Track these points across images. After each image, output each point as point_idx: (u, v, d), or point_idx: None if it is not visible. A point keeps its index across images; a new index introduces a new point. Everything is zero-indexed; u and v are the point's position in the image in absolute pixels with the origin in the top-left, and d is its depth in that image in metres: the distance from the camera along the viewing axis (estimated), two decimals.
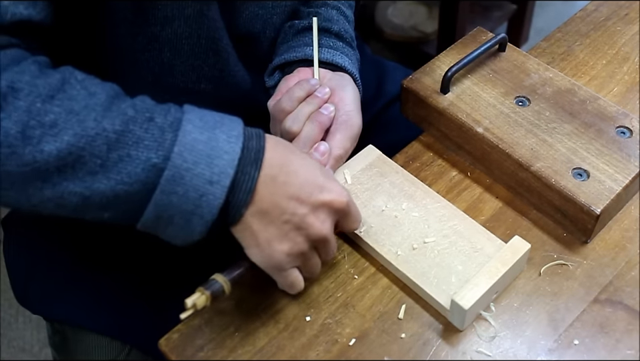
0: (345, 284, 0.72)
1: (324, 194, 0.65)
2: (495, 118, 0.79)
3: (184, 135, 0.59)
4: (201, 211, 0.60)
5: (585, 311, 0.69)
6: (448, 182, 0.81)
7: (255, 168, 0.62)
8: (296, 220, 0.63)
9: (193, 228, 0.61)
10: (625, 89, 0.88)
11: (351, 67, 0.83)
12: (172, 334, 0.70)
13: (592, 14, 0.99)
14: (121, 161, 0.58)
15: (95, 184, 0.58)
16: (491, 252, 0.72)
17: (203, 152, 0.59)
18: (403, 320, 0.69)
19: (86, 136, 0.57)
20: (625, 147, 0.75)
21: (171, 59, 0.78)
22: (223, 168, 0.60)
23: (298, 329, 0.69)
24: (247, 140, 0.62)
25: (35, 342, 1.67)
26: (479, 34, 0.89)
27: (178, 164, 0.59)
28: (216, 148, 0.60)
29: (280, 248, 0.64)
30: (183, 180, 0.59)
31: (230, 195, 0.61)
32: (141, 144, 0.59)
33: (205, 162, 0.59)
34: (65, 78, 0.60)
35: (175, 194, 0.59)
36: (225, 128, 0.62)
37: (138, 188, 0.59)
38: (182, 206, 0.60)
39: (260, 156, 0.62)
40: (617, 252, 0.73)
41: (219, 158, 0.60)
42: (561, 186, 0.72)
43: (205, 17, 0.75)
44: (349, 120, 0.77)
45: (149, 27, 0.74)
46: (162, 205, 0.60)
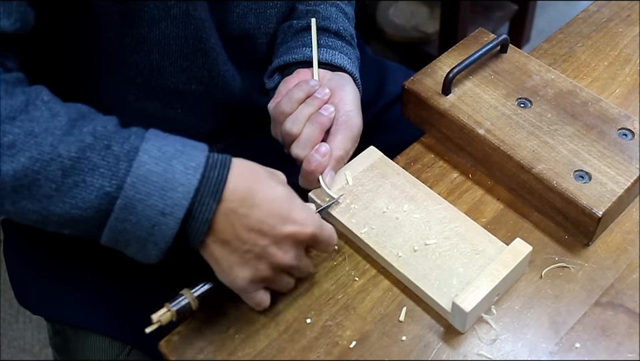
0: (346, 286, 0.72)
1: (287, 226, 0.64)
2: (496, 119, 0.79)
3: (138, 166, 0.60)
4: (154, 239, 0.61)
5: (587, 314, 0.69)
6: (449, 184, 0.81)
7: (214, 199, 0.61)
8: (257, 250, 0.64)
9: (149, 253, 0.63)
10: (626, 91, 0.88)
11: (350, 67, 0.82)
12: (172, 336, 0.69)
13: (594, 16, 0.98)
14: (76, 187, 0.59)
15: (50, 207, 0.60)
16: (493, 254, 0.72)
17: (156, 184, 0.60)
18: (404, 323, 0.69)
19: (41, 160, 0.58)
20: (627, 149, 0.75)
21: (159, 61, 0.77)
22: (177, 200, 0.60)
23: (298, 331, 0.69)
24: (207, 171, 0.62)
25: (36, 342, 1.67)
26: (481, 36, 0.89)
27: (130, 195, 0.59)
28: (171, 180, 0.60)
29: (242, 275, 0.65)
30: (135, 210, 0.60)
31: (186, 225, 0.62)
32: (96, 171, 0.60)
33: (158, 194, 0.60)
34: (30, 100, 0.60)
35: (129, 221, 0.60)
36: (184, 158, 0.62)
37: (92, 214, 0.60)
38: (136, 233, 0.61)
39: (220, 187, 0.62)
40: (619, 254, 0.73)
41: (173, 191, 0.60)
42: (562, 189, 0.72)
43: (191, 17, 0.74)
44: (349, 120, 0.77)
45: (136, 29, 0.74)
46: (116, 231, 0.61)
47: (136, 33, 0.74)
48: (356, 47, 0.87)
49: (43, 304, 0.89)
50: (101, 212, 0.60)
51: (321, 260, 0.74)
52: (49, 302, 0.88)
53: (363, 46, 1.11)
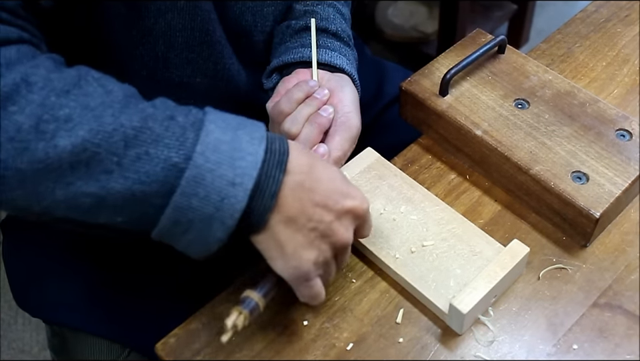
0: (343, 288, 0.72)
1: (348, 200, 0.63)
2: (493, 120, 0.78)
3: (207, 135, 0.57)
4: (222, 215, 0.57)
5: (584, 315, 0.69)
6: (446, 185, 0.81)
7: (280, 170, 0.59)
8: (322, 227, 0.61)
9: (213, 235, 0.58)
10: (624, 91, 0.88)
11: (349, 68, 0.82)
12: (169, 338, 0.69)
13: (592, 16, 0.98)
14: (139, 159, 0.56)
15: (110, 184, 0.56)
16: (490, 255, 0.72)
17: (225, 153, 0.57)
18: (401, 324, 0.69)
19: (102, 131, 0.55)
20: (625, 150, 0.75)
21: (165, 52, 0.77)
22: (247, 169, 0.57)
23: (295, 333, 0.69)
24: (270, 143, 0.60)
25: (35, 343, 1.66)
26: (478, 36, 0.89)
27: (200, 164, 0.56)
28: (239, 150, 0.58)
29: (307, 256, 0.61)
30: (205, 181, 0.56)
31: (253, 200, 0.58)
32: (160, 142, 0.56)
33: (227, 163, 0.57)
34: (81, 75, 0.58)
35: (196, 196, 0.56)
36: (247, 129, 0.60)
37: (156, 189, 0.56)
38: (202, 210, 0.57)
39: (284, 158, 0.60)
40: (617, 255, 0.73)
41: (241, 160, 0.57)
42: (560, 190, 0.72)
43: (197, 9, 0.74)
44: (347, 121, 0.76)
45: (142, 20, 0.73)
46: (181, 208, 0.57)
47: (142, 25, 0.73)
48: (354, 48, 0.87)
49: (41, 306, 0.89)
50: (166, 185, 0.56)
51: None
52: (48, 304, 0.88)
53: (361, 46, 1.11)
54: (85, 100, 0.56)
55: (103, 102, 0.56)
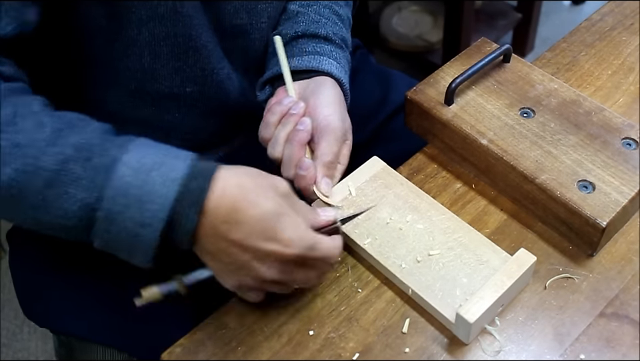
0: (349, 297, 0.72)
1: (269, 244, 0.63)
2: (499, 129, 0.78)
3: (117, 179, 0.60)
4: (138, 248, 0.62)
5: (591, 325, 0.68)
6: (452, 194, 0.80)
7: (195, 211, 0.61)
8: (239, 264, 0.64)
9: (138, 260, 0.64)
10: (630, 100, 0.88)
11: (337, 72, 0.82)
12: (175, 348, 0.69)
13: (597, 24, 0.98)
14: (59, 198, 0.61)
15: (38, 216, 0.62)
16: (497, 264, 0.71)
17: (134, 197, 0.60)
18: (407, 334, 0.69)
19: (25, 172, 0.60)
20: (631, 159, 0.75)
21: (151, 64, 0.77)
22: (155, 212, 0.60)
23: (301, 343, 0.69)
24: (188, 181, 0.61)
25: (40, 353, 1.66)
26: (484, 45, 0.89)
27: (108, 207, 0.60)
28: (148, 193, 0.60)
29: (229, 282, 0.66)
30: (115, 221, 0.61)
31: (169, 234, 0.62)
32: (78, 183, 0.60)
33: (136, 207, 0.60)
34: (18, 111, 0.62)
35: (111, 232, 0.61)
36: (163, 169, 0.61)
37: (75, 223, 0.62)
38: (120, 243, 0.62)
39: (201, 198, 0.61)
40: (623, 265, 0.73)
41: (151, 203, 0.60)
42: (566, 199, 0.72)
43: (179, 14, 0.75)
44: (328, 125, 0.76)
45: (124, 31, 0.74)
46: (103, 239, 0.62)
47: (125, 36, 0.74)
48: (347, 50, 0.87)
49: (48, 316, 0.89)
50: (84, 221, 0.61)
51: None
52: (55, 314, 0.88)
53: (366, 55, 1.11)
54: (16, 137, 0.60)
55: (32, 139, 0.61)
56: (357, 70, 1.07)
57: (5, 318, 1.71)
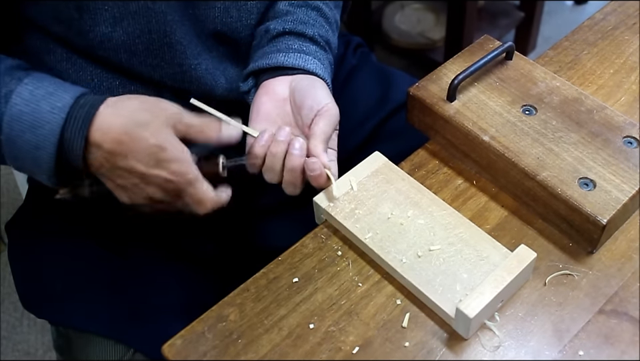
0: (349, 291, 0.72)
1: (154, 170, 0.70)
2: (501, 126, 0.79)
3: (11, 107, 0.69)
4: (39, 170, 0.71)
5: (590, 322, 0.69)
6: (453, 191, 0.81)
7: (81, 136, 0.69)
8: (129, 185, 0.72)
9: (44, 180, 0.72)
10: (632, 99, 0.88)
11: (322, 72, 0.84)
12: (175, 340, 0.69)
13: (600, 23, 0.98)
14: None
15: None
16: (497, 260, 0.72)
17: (27, 123, 0.68)
18: (407, 329, 0.69)
19: None
20: (632, 157, 0.75)
21: (128, 60, 0.79)
22: (46, 137, 0.69)
23: (301, 337, 0.69)
24: (74, 111, 0.69)
25: (40, 345, 1.67)
26: (486, 42, 0.89)
27: (7, 132, 0.69)
28: (38, 119, 0.69)
29: (123, 198, 0.75)
30: (15, 144, 0.69)
31: (62, 158, 0.70)
32: None
33: (30, 132, 0.69)
34: None
35: (13, 155, 0.71)
36: (52, 99, 0.69)
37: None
38: (25, 165, 0.72)
39: (85, 126, 0.69)
40: (623, 262, 0.73)
41: (41, 128, 0.69)
42: (567, 196, 0.72)
43: (151, 11, 0.76)
44: (329, 110, 0.78)
45: (98, 27, 0.76)
46: (12, 160, 0.72)
47: (99, 31, 0.76)
48: (330, 52, 0.88)
49: (46, 307, 0.89)
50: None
51: (324, 265, 0.74)
52: (53, 305, 0.88)
53: (367, 54, 1.12)
54: None
55: None
56: (358, 68, 1.08)
57: (5, 311, 1.72)
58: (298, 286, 0.73)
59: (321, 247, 0.76)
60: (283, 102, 0.81)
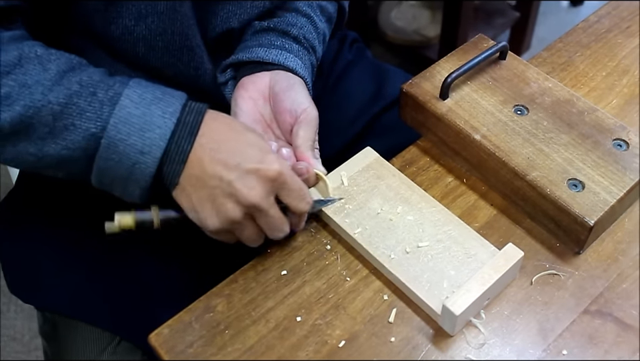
0: (337, 285, 0.72)
1: (252, 162, 0.68)
2: (492, 125, 0.79)
3: (120, 109, 0.67)
4: (135, 177, 0.68)
5: (575, 321, 0.69)
6: (443, 188, 0.81)
7: (189, 142, 0.68)
8: (224, 185, 0.67)
9: (132, 192, 0.69)
10: (623, 102, 0.89)
11: (302, 71, 0.84)
12: (162, 329, 0.70)
13: (593, 26, 0.99)
14: (66, 129, 0.67)
15: (44, 148, 0.67)
16: (484, 258, 0.72)
17: (136, 125, 0.66)
18: (394, 324, 0.69)
19: (34, 107, 0.66)
20: (621, 160, 0.75)
21: (145, 54, 0.79)
22: (155, 140, 0.67)
23: (288, 329, 0.69)
24: (183, 115, 0.68)
25: (26, 331, 1.67)
26: (480, 42, 0.89)
27: (112, 134, 0.66)
28: (149, 123, 0.67)
29: (211, 212, 0.68)
30: (118, 148, 0.67)
31: (163, 165, 0.68)
32: (83, 115, 0.66)
33: (137, 135, 0.66)
34: (23, 55, 0.67)
35: (112, 160, 0.67)
36: (162, 104, 0.68)
37: (80, 154, 0.68)
38: (118, 172, 0.68)
39: (194, 130, 0.68)
40: (609, 264, 0.74)
41: (150, 132, 0.67)
42: (555, 196, 0.72)
43: (177, 13, 0.76)
44: (307, 116, 0.78)
45: (122, 20, 0.76)
46: (102, 169, 0.68)
47: (121, 24, 0.76)
48: (313, 56, 0.88)
49: (33, 291, 0.89)
50: (88, 151, 0.67)
51: (313, 258, 0.75)
52: (40, 291, 0.88)
53: (363, 49, 1.12)
54: (24, 78, 0.66)
55: (38, 80, 0.66)
56: (353, 64, 1.08)
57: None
58: (286, 279, 0.73)
59: (310, 240, 0.76)
60: (264, 101, 0.82)
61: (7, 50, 0.67)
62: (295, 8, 0.89)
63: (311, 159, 0.77)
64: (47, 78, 0.66)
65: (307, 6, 0.90)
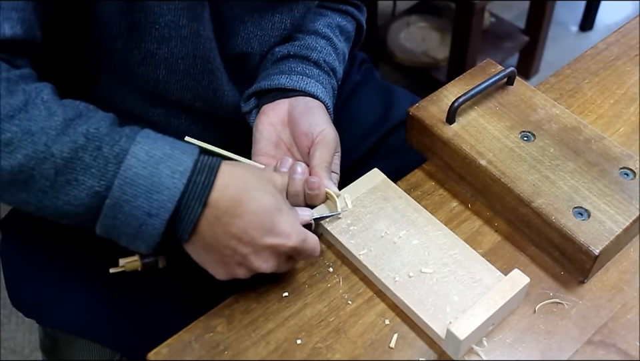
0: (338, 308, 0.72)
1: (268, 237, 0.66)
2: (498, 151, 0.79)
3: (125, 170, 0.62)
4: (142, 236, 0.64)
5: (578, 351, 0.69)
6: (448, 213, 0.81)
7: (199, 203, 0.64)
8: (237, 258, 0.67)
9: (138, 247, 0.66)
10: (630, 130, 0.88)
11: (323, 95, 0.84)
12: (161, 348, 0.69)
13: (602, 53, 0.99)
14: (68, 185, 0.62)
15: (44, 201, 0.63)
16: (490, 283, 0.72)
17: (143, 187, 0.62)
18: (395, 349, 0.69)
19: (36, 158, 0.61)
20: (628, 189, 0.75)
21: (166, 76, 0.79)
22: (163, 203, 0.63)
23: (288, 351, 0.69)
24: (194, 175, 0.64)
25: (27, 343, 1.66)
26: (488, 66, 0.89)
27: (117, 195, 0.62)
28: (157, 184, 0.63)
29: (220, 271, 0.69)
30: (123, 209, 0.63)
31: (172, 225, 0.64)
32: (88, 171, 0.62)
33: (144, 196, 0.62)
34: (29, 99, 0.63)
35: (117, 219, 0.63)
36: (171, 162, 0.64)
37: (83, 211, 0.64)
38: (125, 230, 0.64)
39: (206, 192, 0.64)
40: (614, 293, 0.73)
41: (159, 194, 0.63)
42: (560, 225, 0.72)
43: (201, 37, 0.76)
44: (324, 138, 0.79)
45: (144, 44, 0.75)
46: (107, 226, 0.64)
47: (144, 48, 0.76)
48: (334, 78, 0.89)
49: (35, 306, 0.89)
50: (91, 209, 0.63)
51: (315, 280, 0.74)
52: (42, 306, 0.88)
53: (371, 70, 1.12)
54: (28, 124, 0.61)
55: (43, 127, 0.62)
56: (361, 84, 1.08)
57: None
58: (287, 301, 0.73)
59: (312, 262, 0.76)
60: (282, 126, 0.82)
61: (13, 92, 0.62)
62: (314, 31, 0.89)
63: (324, 179, 0.77)
64: (52, 126, 0.62)
65: (326, 27, 0.90)
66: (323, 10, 0.93)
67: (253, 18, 0.82)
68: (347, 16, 0.95)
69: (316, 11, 0.92)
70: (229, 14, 0.80)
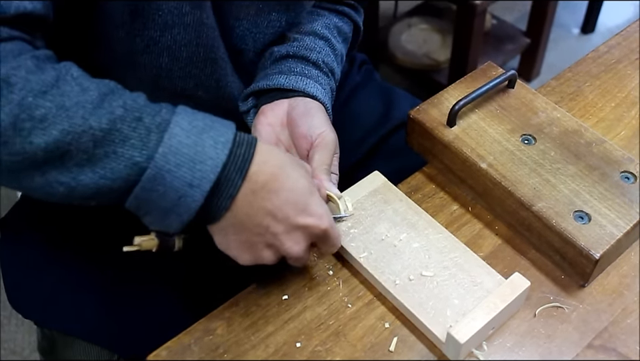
0: (338, 312, 0.72)
1: (302, 217, 0.66)
2: (499, 154, 0.79)
3: (170, 137, 0.61)
4: (178, 210, 0.62)
5: (578, 356, 0.68)
6: (448, 216, 0.81)
7: (240, 176, 0.63)
8: (268, 237, 0.66)
9: (169, 223, 0.64)
10: (631, 133, 0.88)
11: (322, 96, 0.84)
12: (161, 351, 0.69)
13: (603, 56, 0.99)
14: (107, 157, 0.60)
15: (80, 176, 0.61)
16: (490, 286, 0.71)
17: (186, 156, 0.61)
18: (394, 353, 0.69)
19: (73, 132, 0.59)
20: (628, 192, 0.75)
21: (168, 64, 0.79)
22: (205, 173, 0.61)
23: (287, 355, 0.68)
24: (235, 147, 0.63)
25: (26, 345, 1.66)
26: (489, 69, 0.89)
27: (160, 165, 0.60)
28: (200, 153, 0.61)
29: (245, 255, 0.67)
30: (164, 180, 0.61)
31: (210, 198, 0.63)
32: (127, 142, 0.60)
33: (187, 166, 0.61)
34: (60, 75, 0.61)
35: (155, 192, 0.61)
36: (213, 133, 0.63)
37: (120, 184, 0.61)
38: (160, 203, 0.62)
39: (246, 165, 0.63)
40: (614, 298, 0.73)
41: (202, 163, 0.61)
42: (561, 228, 0.72)
43: (204, 25, 0.76)
44: (323, 140, 0.79)
45: (147, 31, 0.75)
46: (142, 200, 0.62)
47: (147, 35, 0.75)
48: (332, 79, 0.89)
49: (33, 307, 0.89)
50: (128, 182, 0.61)
51: (315, 283, 0.74)
52: (41, 307, 0.88)
53: (371, 71, 1.12)
54: (61, 100, 0.60)
55: (78, 102, 0.60)
56: (361, 86, 1.08)
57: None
58: (287, 304, 0.72)
59: (312, 265, 0.76)
60: (281, 127, 0.82)
61: (43, 69, 0.61)
62: (312, 31, 0.89)
63: (324, 182, 0.77)
64: (88, 100, 0.60)
65: (324, 28, 0.90)
66: (320, 11, 0.93)
67: (249, 16, 0.82)
68: (343, 17, 0.95)
69: (313, 12, 0.92)
70: (227, 10, 0.80)
